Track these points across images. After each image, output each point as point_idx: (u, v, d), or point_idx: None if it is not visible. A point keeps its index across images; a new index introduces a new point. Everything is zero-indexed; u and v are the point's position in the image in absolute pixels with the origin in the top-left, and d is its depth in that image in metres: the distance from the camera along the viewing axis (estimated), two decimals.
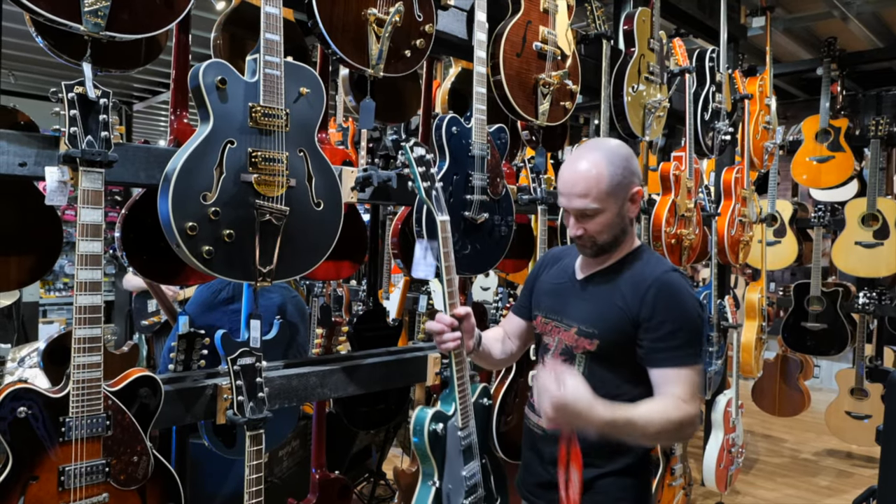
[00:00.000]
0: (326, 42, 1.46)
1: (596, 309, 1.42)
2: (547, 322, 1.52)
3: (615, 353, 1.39)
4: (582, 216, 1.38)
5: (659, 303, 1.34)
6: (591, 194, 1.35)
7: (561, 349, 1.47)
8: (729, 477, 3.42)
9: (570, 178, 1.39)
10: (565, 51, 2.02)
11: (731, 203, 3.31)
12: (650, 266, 1.41)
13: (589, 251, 1.43)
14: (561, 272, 1.55)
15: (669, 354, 1.33)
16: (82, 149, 1.15)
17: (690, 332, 1.35)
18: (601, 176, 1.35)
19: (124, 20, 1.20)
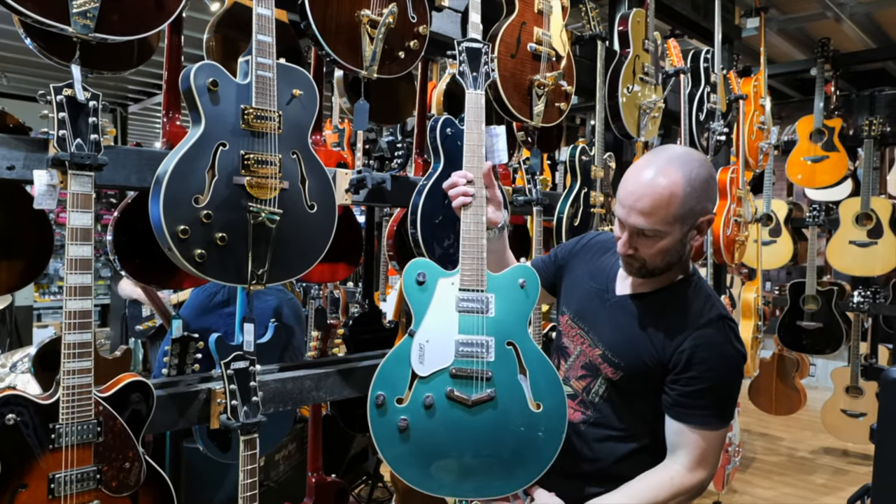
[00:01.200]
0: (320, 44, 1.45)
1: (628, 340, 1.29)
2: (573, 326, 1.41)
3: (637, 390, 1.30)
4: (638, 235, 1.22)
5: (695, 358, 1.20)
6: (656, 215, 1.18)
7: (583, 363, 1.37)
8: (726, 476, 3.42)
9: (636, 188, 1.19)
10: (560, 52, 2.02)
11: (726, 203, 3.31)
12: (697, 308, 1.25)
13: (634, 272, 1.29)
14: (601, 274, 1.40)
15: (693, 413, 1.22)
16: (71, 152, 1.13)
17: (722, 396, 1.23)
18: (674, 197, 1.16)
19: (114, 21, 1.19)
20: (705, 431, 1.22)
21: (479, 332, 1.30)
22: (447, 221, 1.70)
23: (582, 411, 1.36)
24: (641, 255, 1.24)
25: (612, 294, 1.36)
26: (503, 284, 1.34)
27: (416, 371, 1.28)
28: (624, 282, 1.36)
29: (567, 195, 2.16)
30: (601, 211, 2.25)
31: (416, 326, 1.31)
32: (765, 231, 4.83)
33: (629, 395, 1.31)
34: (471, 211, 1.35)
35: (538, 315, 2.04)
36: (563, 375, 1.40)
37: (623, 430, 1.32)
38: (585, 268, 1.44)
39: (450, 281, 1.32)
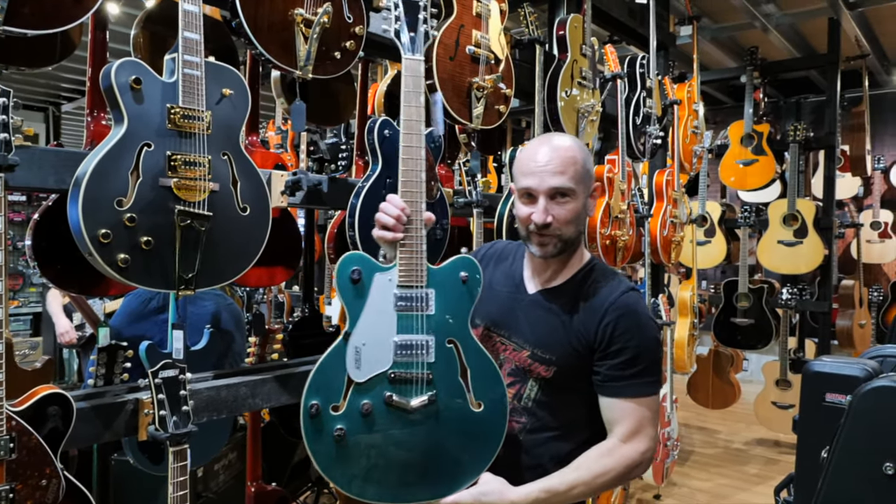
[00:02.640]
0: (252, 42, 1.42)
1: (554, 332, 1.30)
2: (490, 337, 1.38)
3: (571, 382, 1.30)
4: (554, 198, 1.26)
5: (618, 328, 1.25)
6: (567, 172, 1.25)
7: (509, 370, 1.34)
8: (665, 469, 3.53)
9: (542, 155, 1.27)
10: (499, 55, 2.04)
11: (662, 204, 3.42)
12: (607, 285, 1.31)
13: (551, 249, 1.29)
14: (507, 279, 1.41)
15: (625, 384, 1.25)
16: None
17: (649, 360, 1.27)
18: (577, 156, 1.27)
19: (25, 14, 1.13)
20: (640, 400, 1.25)
21: (418, 331, 1.24)
22: None
23: (516, 420, 1.33)
24: (559, 223, 1.27)
25: (525, 293, 1.37)
26: (443, 279, 1.27)
27: (353, 377, 1.23)
28: (533, 280, 1.37)
29: (507, 197, 2.18)
30: None
31: (352, 328, 1.24)
32: (700, 231, 5.02)
33: (563, 391, 1.31)
34: (409, 200, 1.27)
35: None
36: None
37: (561, 427, 1.32)
38: (491, 277, 1.42)
39: (387, 277, 1.25)
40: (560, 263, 1.35)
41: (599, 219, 2.70)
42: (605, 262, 2.75)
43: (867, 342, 5.26)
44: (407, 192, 1.26)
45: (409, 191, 1.26)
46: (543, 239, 1.29)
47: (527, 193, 1.29)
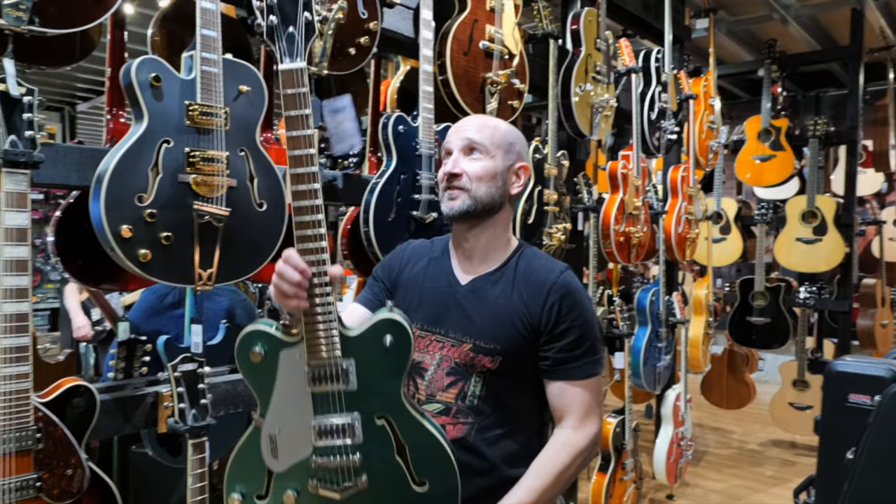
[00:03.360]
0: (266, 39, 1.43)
1: (495, 319, 1.23)
2: (424, 336, 1.28)
3: (518, 369, 1.24)
4: (467, 151, 1.24)
5: (563, 308, 1.21)
6: (483, 132, 1.25)
7: (448, 369, 1.25)
8: (679, 469, 3.51)
9: (465, 120, 1.30)
10: (512, 50, 2.04)
11: (677, 201, 3.39)
12: (543, 266, 1.27)
13: (458, 204, 1.22)
14: (436, 274, 1.32)
15: (575, 365, 1.22)
16: (5, 149, 1.09)
17: (594, 338, 1.25)
18: (498, 126, 1.28)
19: (49, 14, 1.15)
20: (589, 381, 1.23)
21: (338, 411, 1.06)
22: (400, 219, 1.70)
23: (462, 421, 1.24)
24: (468, 176, 1.22)
25: (458, 285, 1.28)
26: (365, 347, 1.07)
27: (271, 467, 1.09)
28: (463, 271, 1.30)
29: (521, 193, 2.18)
30: (555, 209, 2.28)
31: (263, 414, 1.09)
32: (715, 229, 4.98)
33: (510, 380, 1.25)
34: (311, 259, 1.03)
35: None
36: (425, 395, 1.27)
37: (511, 422, 1.25)
38: (419, 274, 1.33)
39: (295, 352, 1.06)
40: (485, 248, 1.28)
41: (613, 215, 2.69)
42: (620, 259, 2.75)
43: (889, 343, 5.18)
44: (307, 249, 1.02)
45: (309, 247, 1.02)
46: (452, 192, 1.24)
47: (447, 154, 1.28)
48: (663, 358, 3.26)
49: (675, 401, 3.39)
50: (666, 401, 3.39)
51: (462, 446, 1.22)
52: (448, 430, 1.22)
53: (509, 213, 1.31)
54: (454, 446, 1.17)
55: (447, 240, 1.36)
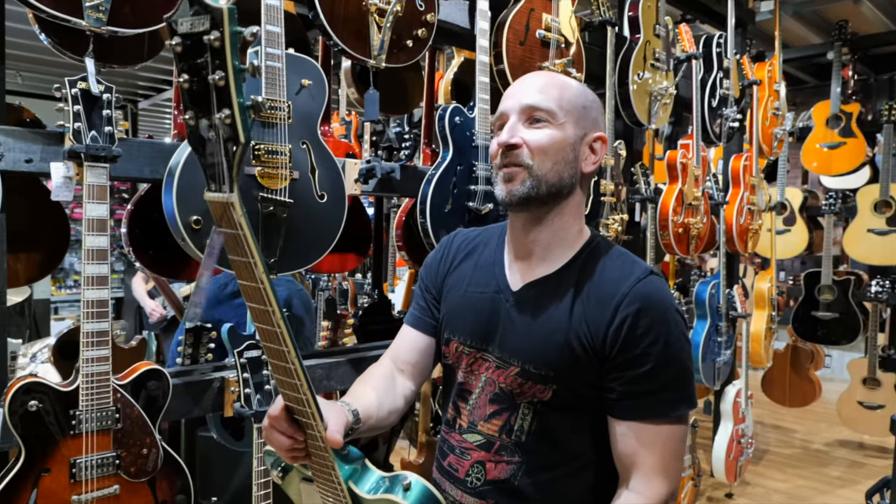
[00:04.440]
0: (328, 34, 1.46)
1: (549, 337, 0.97)
2: (468, 352, 1.05)
3: (578, 402, 0.98)
4: (528, 119, 0.97)
5: (639, 326, 0.93)
6: (549, 93, 0.98)
7: (492, 395, 1.02)
8: (739, 468, 3.41)
9: (525, 78, 1.02)
10: (569, 38, 2.01)
11: (739, 191, 3.28)
12: (618, 268, 0.98)
13: (518, 185, 0.96)
14: (483, 275, 1.07)
15: (650, 401, 0.93)
16: (86, 144, 1.15)
17: (682, 370, 0.95)
18: (568, 84, 1.01)
19: (125, 14, 1.21)
20: (665, 424, 0.94)
21: None
22: (456, 210, 1.71)
23: (507, 461, 1.01)
24: (530, 149, 0.96)
25: (508, 291, 1.03)
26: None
27: None
28: (516, 269, 1.05)
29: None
30: (611, 199, 2.24)
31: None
32: (779, 220, 4.79)
33: (566, 415, 0.99)
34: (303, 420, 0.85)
35: None
36: (467, 422, 1.05)
37: (566, 464, 1.00)
38: (464, 276, 1.10)
39: (313, 489, 0.93)
40: (548, 244, 1.01)
41: (672, 206, 2.62)
42: (678, 251, 2.68)
43: None
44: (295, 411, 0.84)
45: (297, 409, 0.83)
46: (509, 170, 0.97)
47: (500, 124, 1.01)
48: (723, 353, 3.16)
49: (736, 397, 3.29)
50: (725, 397, 3.30)
51: (504, 490, 1.00)
52: (488, 468, 1.02)
53: (581, 198, 1.03)
54: (494, 490, 0.99)
55: (503, 228, 1.11)
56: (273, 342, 0.77)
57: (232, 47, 0.64)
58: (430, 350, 1.13)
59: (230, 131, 0.66)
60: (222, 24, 0.63)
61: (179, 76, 0.65)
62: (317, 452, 0.85)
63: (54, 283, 6.94)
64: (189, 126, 0.67)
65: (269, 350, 0.79)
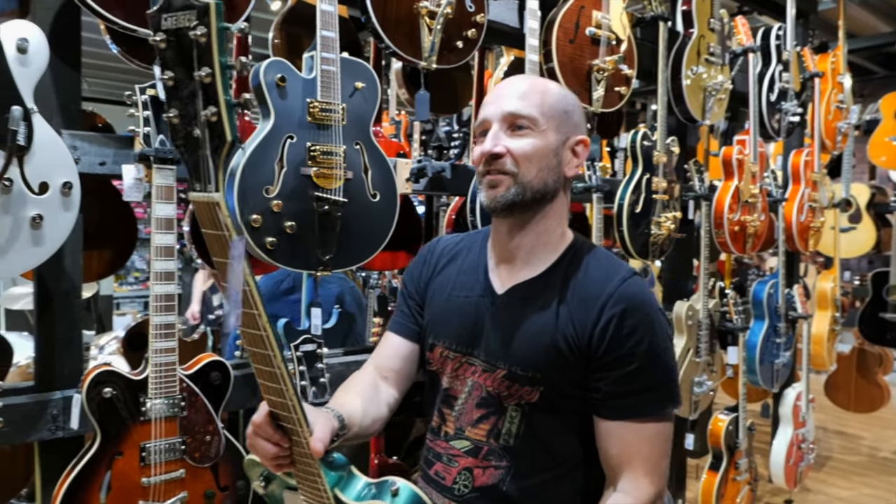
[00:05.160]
0: (380, 37, 1.49)
1: (535, 341, 0.98)
2: (454, 357, 1.06)
3: (565, 403, 0.99)
4: (511, 126, 0.98)
5: (624, 327, 0.94)
6: (531, 99, 0.98)
7: (479, 399, 1.02)
8: (799, 474, 3.29)
9: (506, 83, 1.03)
10: (620, 35, 1.99)
11: (799, 187, 3.16)
12: (602, 269, 1.00)
13: (503, 192, 0.98)
14: (467, 279, 1.08)
15: (636, 401, 0.95)
16: (155, 147, 1.22)
17: (666, 369, 0.97)
18: (548, 89, 1.01)
19: None
20: (651, 423, 0.95)
21: None
22: None
23: (495, 465, 1.01)
24: (514, 157, 0.97)
25: (493, 295, 1.04)
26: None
27: None
28: (500, 273, 1.06)
29: (628, 181, 2.13)
30: (664, 197, 2.21)
31: None
32: (843, 217, 4.58)
33: (554, 416, 0.99)
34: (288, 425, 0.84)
35: None
36: (453, 428, 1.05)
37: (556, 466, 1.01)
38: (447, 281, 1.11)
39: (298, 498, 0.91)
40: (531, 247, 1.03)
41: (727, 203, 2.55)
42: (734, 249, 2.61)
43: None
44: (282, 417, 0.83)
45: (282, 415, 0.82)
46: (493, 178, 0.98)
47: (482, 130, 1.02)
48: (782, 354, 3.06)
49: (796, 400, 3.18)
50: (785, 400, 3.19)
51: (493, 496, 1.00)
52: (476, 474, 1.01)
53: (564, 201, 1.05)
54: (481, 496, 0.99)
55: (486, 234, 1.12)
56: (258, 346, 0.75)
57: (219, 43, 0.63)
58: (414, 356, 1.14)
59: (217, 129, 0.64)
60: (209, 20, 0.62)
61: (163, 73, 0.64)
62: (302, 460, 0.84)
63: (116, 279, 7.28)
64: (173, 124, 0.66)
65: (254, 355, 0.77)
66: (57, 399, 1.26)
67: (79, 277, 1.32)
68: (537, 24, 1.79)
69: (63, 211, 1.17)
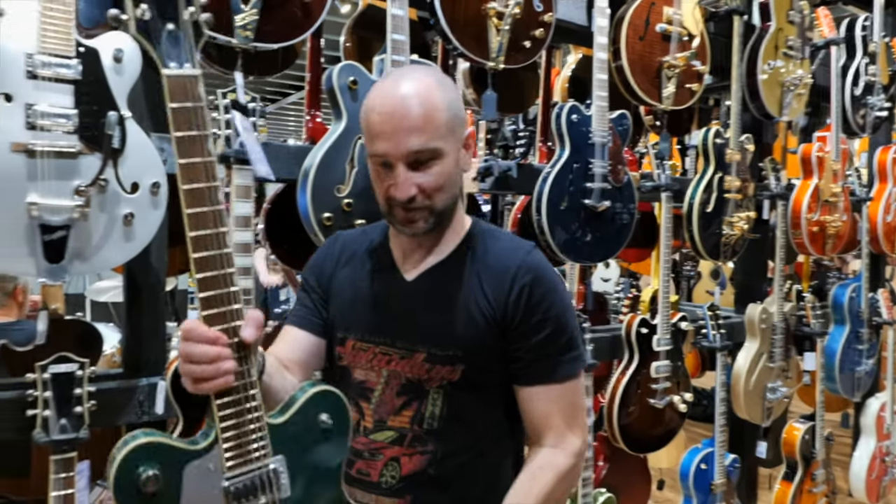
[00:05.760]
0: (448, 38, 1.51)
1: (452, 321, 1.01)
2: (367, 348, 1.05)
3: (486, 378, 1.03)
4: (416, 164, 0.95)
5: (534, 295, 1.00)
6: (428, 129, 0.94)
7: (399, 388, 1.02)
8: (882, 488, 3.11)
9: (392, 106, 0.94)
10: (692, 30, 1.93)
11: (886, 186, 2.98)
12: (505, 247, 1.05)
13: (422, 225, 0.99)
14: (376, 269, 1.09)
15: (553, 363, 1.01)
16: (235, 149, 1.28)
17: (572, 329, 1.04)
18: (437, 103, 0.96)
19: (269, 31, 1.33)
20: (568, 383, 1.02)
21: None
22: (572, 208, 1.71)
23: (420, 451, 1.01)
24: (429, 192, 0.97)
25: (403, 282, 1.06)
26: (296, 433, 0.82)
27: None
28: (408, 264, 1.07)
29: (699, 180, 2.07)
30: (737, 196, 2.13)
31: None
32: None
33: (478, 393, 1.03)
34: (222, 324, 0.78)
35: (666, 304, 1.97)
36: (373, 421, 1.04)
37: (481, 445, 1.04)
38: (353, 274, 1.10)
39: (205, 465, 0.77)
40: (436, 235, 1.05)
41: (806, 203, 2.44)
42: (813, 251, 2.49)
43: None
44: (217, 315, 0.77)
45: (220, 311, 0.77)
46: (411, 214, 0.98)
47: (382, 162, 0.98)
48: (864, 362, 2.90)
49: (879, 411, 3.00)
50: (867, 410, 3.01)
51: (422, 482, 1.00)
52: (403, 462, 1.01)
53: (462, 191, 1.09)
54: (410, 485, 0.99)
55: (385, 227, 1.11)
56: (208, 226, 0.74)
57: None
58: (317, 351, 1.10)
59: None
60: None
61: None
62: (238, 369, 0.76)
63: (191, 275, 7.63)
64: (141, 20, 0.73)
65: (201, 240, 0.75)
66: (143, 385, 1.34)
67: (163, 272, 1.40)
68: (606, 21, 1.76)
69: (152, 209, 1.24)
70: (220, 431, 0.77)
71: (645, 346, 1.92)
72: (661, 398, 1.94)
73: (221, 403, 0.77)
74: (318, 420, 0.84)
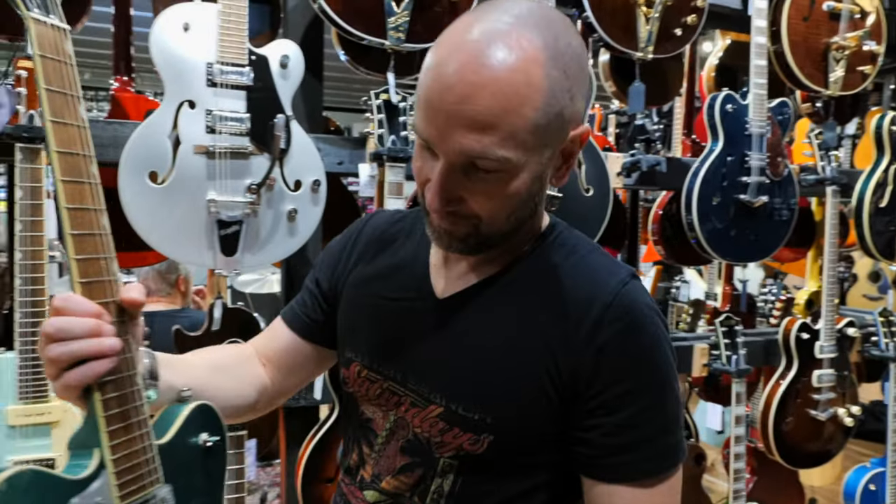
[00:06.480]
0: (594, 28, 1.47)
1: (486, 369, 0.68)
2: (375, 380, 0.75)
3: (523, 460, 0.69)
4: (465, 171, 0.62)
5: (627, 353, 0.66)
6: (501, 130, 0.59)
7: (405, 442, 0.72)
8: None
9: (457, 77, 0.59)
10: (865, 7, 1.75)
11: None
12: (591, 268, 0.70)
13: (458, 246, 0.68)
14: (400, 276, 0.78)
15: (645, 454, 0.66)
16: (388, 147, 1.33)
17: (677, 403, 0.69)
18: (531, 94, 0.59)
19: (418, 31, 1.36)
20: (666, 484, 0.67)
21: None
22: (725, 204, 1.60)
23: None
24: (473, 213, 0.65)
25: (432, 299, 0.74)
26: (179, 458, 0.67)
27: None
28: (444, 271, 0.75)
29: (871, 172, 1.86)
30: None
31: None
32: None
33: (506, 476, 0.70)
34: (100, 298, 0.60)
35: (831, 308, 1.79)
36: (371, 473, 0.75)
37: None
38: (374, 275, 0.80)
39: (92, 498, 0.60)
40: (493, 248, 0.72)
41: None
42: None
43: None
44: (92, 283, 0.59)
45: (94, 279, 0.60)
46: (443, 223, 0.66)
47: (422, 145, 0.66)
48: None
49: None
50: None
51: None
52: None
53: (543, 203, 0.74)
54: None
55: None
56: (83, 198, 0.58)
57: None
58: (298, 355, 0.86)
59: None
60: None
61: None
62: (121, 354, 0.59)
63: None
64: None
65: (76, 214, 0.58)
66: None
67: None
68: (765, 3, 1.63)
69: (313, 206, 1.32)
70: (110, 452, 0.59)
71: (805, 353, 1.77)
72: (824, 409, 1.78)
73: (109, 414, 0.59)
74: (198, 439, 0.69)
